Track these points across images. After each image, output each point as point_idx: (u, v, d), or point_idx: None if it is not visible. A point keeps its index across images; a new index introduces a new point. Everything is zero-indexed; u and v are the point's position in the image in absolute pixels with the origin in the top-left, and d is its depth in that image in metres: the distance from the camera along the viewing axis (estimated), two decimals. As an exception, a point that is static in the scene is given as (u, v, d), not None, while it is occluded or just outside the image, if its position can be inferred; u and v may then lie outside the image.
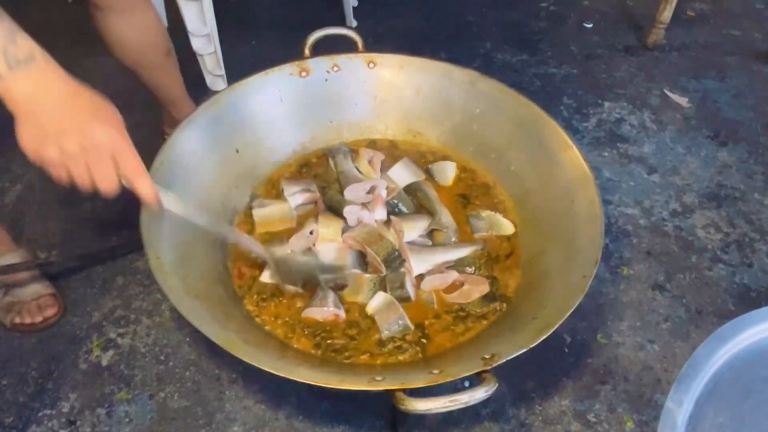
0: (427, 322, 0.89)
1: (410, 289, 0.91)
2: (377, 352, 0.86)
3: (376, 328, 0.88)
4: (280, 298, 0.91)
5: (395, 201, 1.03)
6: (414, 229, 0.98)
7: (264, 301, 0.91)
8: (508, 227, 1.02)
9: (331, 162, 1.10)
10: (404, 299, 0.90)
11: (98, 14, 1.05)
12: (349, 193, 1.01)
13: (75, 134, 0.62)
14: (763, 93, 1.64)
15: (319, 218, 0.98)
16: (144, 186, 0.68)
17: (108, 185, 0.66)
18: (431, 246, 0.98)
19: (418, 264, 0.93)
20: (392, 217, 1.00)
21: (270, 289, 0.92)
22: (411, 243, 0.97)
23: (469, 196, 1.07)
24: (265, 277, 0.93)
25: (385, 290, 0.91)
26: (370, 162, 1.09)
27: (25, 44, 0.61)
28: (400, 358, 0.85)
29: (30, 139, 0.63)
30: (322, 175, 1.09)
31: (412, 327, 0.88)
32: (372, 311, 0.90)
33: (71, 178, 0.65)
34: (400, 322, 0.87)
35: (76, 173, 0.64)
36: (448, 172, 1.10)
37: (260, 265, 0.94)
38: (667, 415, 0.52)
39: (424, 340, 0.87)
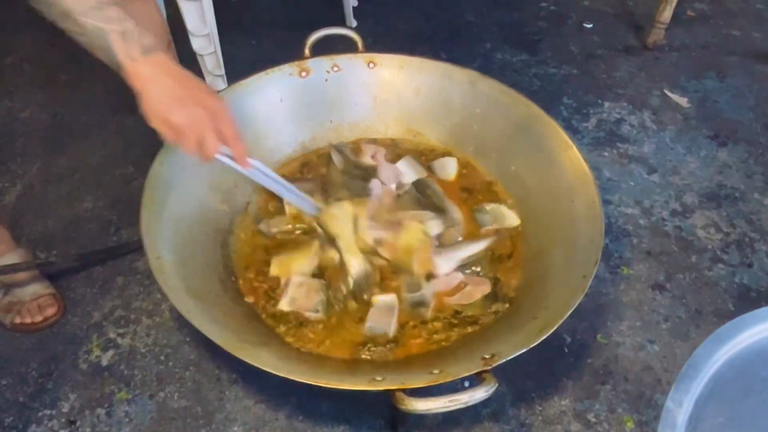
0: (412, 323, 0.90)
1: (428, 294, 0.91)
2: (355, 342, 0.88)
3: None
4: (312, 326, 0.90)
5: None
6: (432, 228, 0.98)
7: (298, 328, 0.90)
8: (513, 219, 1.02)
9: (335, 158, 1.10)
10: (419, 304, 0.90)
11: None
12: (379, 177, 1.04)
13: (193, 103, 0.76)
14: (763, 93, 1.64)
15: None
16: (239, 148, 0.82)
17: (211, 149, 0.78)
18: (456, 243, 0.98)
19: (443, 263, 0.93)
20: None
21: (295, 317, 0.90)
22: None
23: (472, 190, 1.08)
24: (284, 304, 0.91)
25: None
26: (373, 157, 1.09)
27: (150, 38, 0.76)
28: (366, 356, 0.86)
29: (154, 109, 0.75)
30: (324, 176, 1.08)
31: (391, 335, 0.87)
32: (375, 301, 0.90)
33: (183, 141, 0.77)
34: (384, 327, 0.88)
35: (188, 137, 0.76)
36: (449, 168, 1.11)
37: (266, 273, 0.95)
38: (667, 415, 0.52)
39: (392, 344, 0.87)
